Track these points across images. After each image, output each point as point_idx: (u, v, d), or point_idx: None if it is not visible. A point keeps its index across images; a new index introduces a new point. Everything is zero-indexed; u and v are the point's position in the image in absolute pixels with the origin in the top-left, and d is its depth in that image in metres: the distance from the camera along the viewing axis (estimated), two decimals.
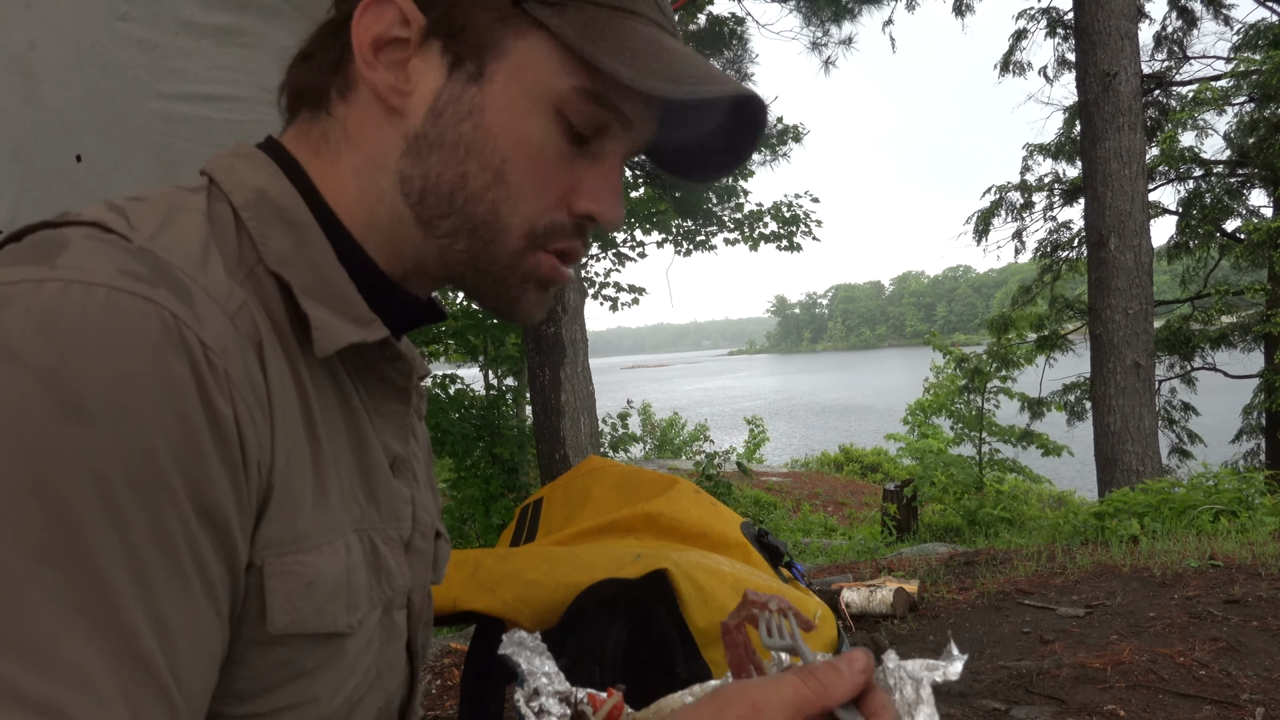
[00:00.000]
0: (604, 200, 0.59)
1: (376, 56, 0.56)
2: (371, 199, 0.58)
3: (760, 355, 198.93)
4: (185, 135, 1.21)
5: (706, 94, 0.54)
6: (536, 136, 0.56)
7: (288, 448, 0.51)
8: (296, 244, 0.55)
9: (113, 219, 0.48)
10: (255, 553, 0.49)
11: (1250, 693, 2.58)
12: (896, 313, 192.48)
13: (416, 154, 0.57)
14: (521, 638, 0.72)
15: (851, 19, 10.82)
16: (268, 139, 0.62)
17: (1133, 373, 7.93)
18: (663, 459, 16.70)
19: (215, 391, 0.44)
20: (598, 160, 0.59)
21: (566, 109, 0.56)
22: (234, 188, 0.55)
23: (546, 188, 0.58)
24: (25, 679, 0.35)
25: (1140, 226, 8.08)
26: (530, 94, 0.56)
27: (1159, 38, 13.00)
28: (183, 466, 0.42)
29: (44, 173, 1.12)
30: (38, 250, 0.44)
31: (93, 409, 0.39)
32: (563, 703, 0.67)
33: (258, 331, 0.50)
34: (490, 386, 8.22)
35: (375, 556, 0.59)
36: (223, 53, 1.17)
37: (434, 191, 0.57)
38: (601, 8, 0.55)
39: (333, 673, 0.55)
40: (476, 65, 0.55)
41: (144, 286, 0.44)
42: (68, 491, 0.38)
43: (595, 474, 2.17)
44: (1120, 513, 5.69)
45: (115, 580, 0.39)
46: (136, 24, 1.11)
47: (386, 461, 0.62)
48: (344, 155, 0.59)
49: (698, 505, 1.98)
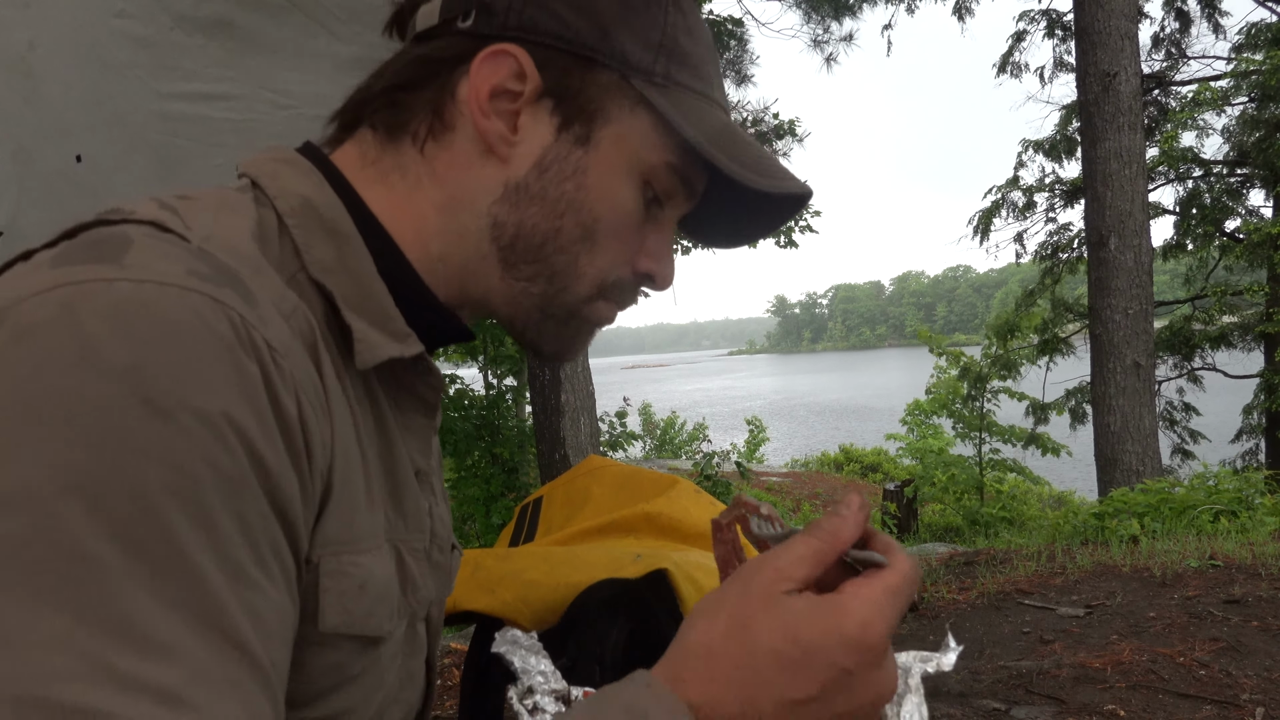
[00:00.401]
0: (662, 263, 0.65)
1: (489, 104, 0.58)
2: (453, 235, 0.61)
3: (760, 355, 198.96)
4: (185, 135, 1.20)
5: (785, 189, 0.60)
6: (626, 202, 0.61)
7: (343, 449, 0.52)
8: (339, 255, 0.56)
9: (167, 217, 0.48)
10: (313, 550, 0.50)
11: (1250, 693, 2.58)
12: (896, 313, 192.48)
13: (515, 202, 0.60)
14: (515, 636, 0.72)
15: (853, 15, 10.82)
16: (307, 145, 0.63)
17: (1133, 373, 7.94)
18: (662, 459, 16.70)
19: (283, 390, 0.45)
20: (659, 225, 0.65)
21: (652, 179, 0.61)
22: (279, 193, 0.56)
23: (623, 247, 0.63)
24: (141, 668, 0.35)
25: (1140, 226, 8.08)
26: (628, 162, 0.60)
27: (1157, 38, 13.02)
28: (258, 462, 0.43)
29: (44, 173, 1.12)
30: (102, 249, 0.44)
31: (174, 407, 0.40)
32: (559, 701, 0.67)
33: (312, 333, 0.51)
34: (490, 386, 8.22)
35: (403, 568, 0.59)
36: (219, 48, 1.17)
37: (526, 240, 0.60)
38: (691, 92, 0.61)
39: (371, 681, 0.56)
40: (585, 130, 0.59)
41: (210, 286, 0.44)
42: (158, 488, 0.39)
43: (595, 474, 2.17)
44: (1120, 513, 5.69)
45: (209, 573, 0.39)
46: (133, 20, 1.11)
47: (413, 474, 0.63)
48: (425, 189, 0.61)
49: (698, 505, 1.97)
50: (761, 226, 0.70)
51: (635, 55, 0.59)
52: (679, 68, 0.60)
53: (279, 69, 1.22)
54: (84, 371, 0.39)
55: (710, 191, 0.66)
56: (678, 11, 0.61)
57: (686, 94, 0.61)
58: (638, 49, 0.59)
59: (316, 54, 1.23)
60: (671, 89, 0.60)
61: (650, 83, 0.59)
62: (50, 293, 0.41)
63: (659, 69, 0.60)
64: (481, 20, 0.58)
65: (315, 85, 1.26)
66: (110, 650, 0.35)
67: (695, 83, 0.61)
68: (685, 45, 0.61)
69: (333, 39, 1.23)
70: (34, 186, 1.10)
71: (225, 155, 1.25)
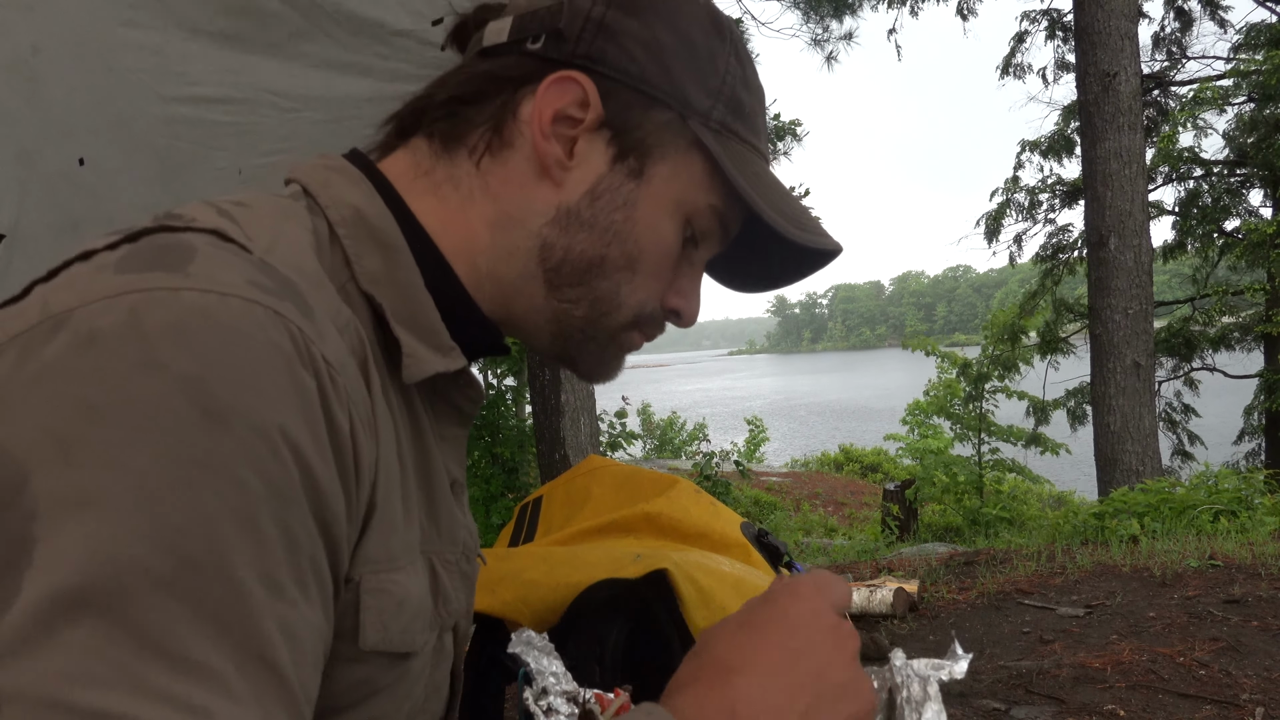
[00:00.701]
0: (690, 301, 0.67)
1: (551, 128, 0.60)
2: (502, 252, 0.62)
3: (760, 355, 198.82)
4: (188, 138, 1.21)
5: (820, 245, 0.63)
6: (669, 238, 0.63)
7: (386, 466, 0.52)
8: (388, 266, 0.57)
9: (228, 226, 0.49)
10: (354, 568, 0.50)
11: (1250, 693, 2.59)
12: (896, 313, 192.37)
13: (565, 226, 0.61)
14: (530, 637, 0.73)
15: (852, 14, 10.82)
16: (354, 152, 0.63)
17: (1133, 373, 7.94)
18: (662, 459, 16.69)
19: (337, 406, 0.46)
20: (692, 264, 0.67)
21: (694, 219, 0.64)
22: (330, 203, 0.57)
23: (659, 281, 0.65)
24: (167, 680, 0.36)
25: (1140, 226, 8.08)
26: (675, 200, 0.62)
27: (1157, 38, 13.01)
28: (310, 478, 0.43)
29: (47, 176, 1.12)
30: (165, 256, 0.45)
31: (232, 418, 0.40)
32: (570, 702, 0.68)
33: (364, 349, 0.52)
34: (490, 386, 8.21)
35: (435, 580, 0.60)
36: (226, 56, 1.18)
37: (573, 264, 0.62)
38: (742, 142, 0.63)
39: (399, 693, 0.57)
40: (639, 164, 0.61)
41: (273, 299, 0.44)
42: (209, 497, 0.39)
43: (595, 473, 2.17)
44: (1120, 513, 5.69)
45: (250, 586, 0.39)
46: (141, 29, 1.11)
47: (448, 485, 0.64)
48: (477, 204, 0.62)
49: (698, 505, 1.98)
50: (789, 276, 0.73)
51: (695, 99, 0.61)
52: (734, 117, 0.63)
53: (281, 74, 1.23)
54: (146, 379, 0.39)
55: (743, 238, 0.68)
56: (738, 64, 0.64)
57: (737, 142, 0.63)
58: (698, 93, 0.61)
59: (318, 61, 1.23)
60: (724, 135, 0.62)
61: (706, 127, 0.61)
62: (117, 299, 0.42)
63: (715, 115, 0.62)
64: (551, 45, 0.60)
65: (316, 90, 1.27)
66: (140, 662, 0.36)
67: (746, 133, 0.64)
68: (741, 96, 0.63)
69: (335, 46, 1.24)
70: (37, 189, 1.11)
71: (227, 159, 1.25)
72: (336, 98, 1.30)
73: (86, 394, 0.39)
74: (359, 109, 1.32)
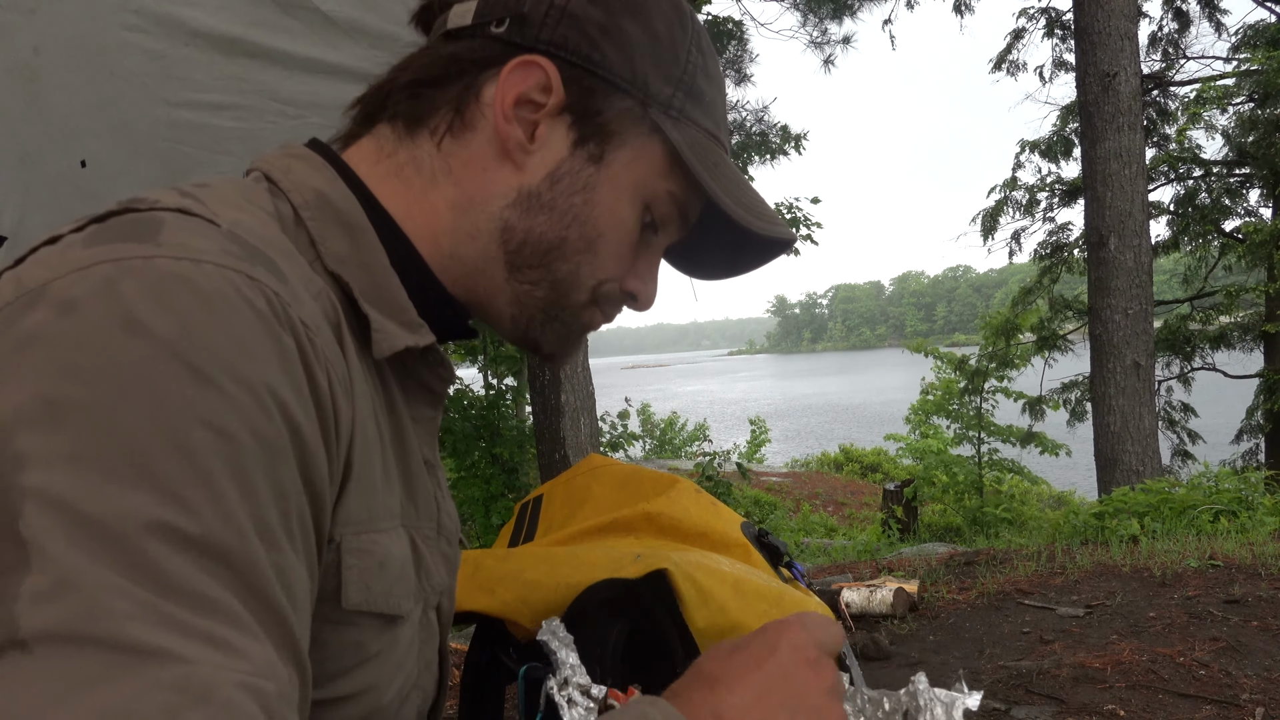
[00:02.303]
0: (647, 284, 0.68)
1: (513, 110, 0.60)
2: (464, 234, 0.63)
3: (760, 355, 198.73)
4: (191, 143, 1.21)
5: (773, 233, 0.64)
6: (628, 222, 0.64)
7: (363, 429, 0.53)
8: (353, 247, 0.57)
9: (192, 205, 0.49)
10: (334, 529, 0.51)
11: (1250, 693, 2.59)
12: (896, 313, 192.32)
13: (525, 209, 0.62)
14: (556, 627, 0.74)
15: (851, 15, 10.82)
16: (313, 141, 0.64)
17: (1132, 373, 7.94)
18: (663, 459, 16.69)
19: (316, 366, 0.47)
20: (648, 249, 0.68)
21: (653, 204, 0.65)
22: (293, 187, 0.57)
23: (618, 263, 0.66)
24: (191, 618, 0.37)
25: (1140, 226, 8.08)
26: (634, 185, 0.63)
27: (1155, 38, 13.01)
28: (296, 434, 0.44)
29: (49, 177, 1.12)
30: (135, 229, 0.45)
31: (218, 373, 0.41)
32: (584, 694, 0.69)
33: (337, 316, 0.53)
34: (490, 386, 8.21)
35: (417, 552, 0.61)
36: (230, 63, 1.18)
37: (533, 246, 0.62)
38: (701, 130, 0.64)
39: (389, 661, 0.58)
40: (599, 149, 0.62)
41: (245, 265, 0.45)
42: (203, 450, 0.39)
43: (596, 472, 2.17)
44: (1120, 513, 5.69)
45: (247, 533, 0.40)
46: (144, 34, 1.11)
47: (422, 462, 0.64)
48: (439, 186, 0.62)
49: (698, 505, 1.98)
50: (743, 265, 0.74)
51: (656, 87, 0.62)
52: (694, 105, 0.64)
53: (285, 81, 1.23)
54: (130, 340, 0.40)
55: (701, 226, 0.69)
56: (699, 54, 0.65)
57: (697, 131, 0.64)
58: (659, 81, 0.62)
59: (322, 67, 1.24)
60: (684, 124, 0.63)
61: (666, 114, 0.62)
62: (90, 269, 0.42)
63: (676, 103, 0.63)
64: (515, 29, 0.61)
65: (322, 98, 1.27)
66: (160, 599, 0.36)
67: (706, 122, 0.65)
68: (702, 85, 0.64)
69: (338, 53, 1.24)
70: (39, 191, 1.11)
71: (231, 163, 1.26)
72: (341, 104, 1.30)
73: (71, 358, 0.39)
74: None
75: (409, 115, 0.63)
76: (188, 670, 0.35)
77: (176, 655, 0.35)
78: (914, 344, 13.57)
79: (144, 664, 0.34)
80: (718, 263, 0.75)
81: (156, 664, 0.35)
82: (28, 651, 0.34)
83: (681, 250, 0.73)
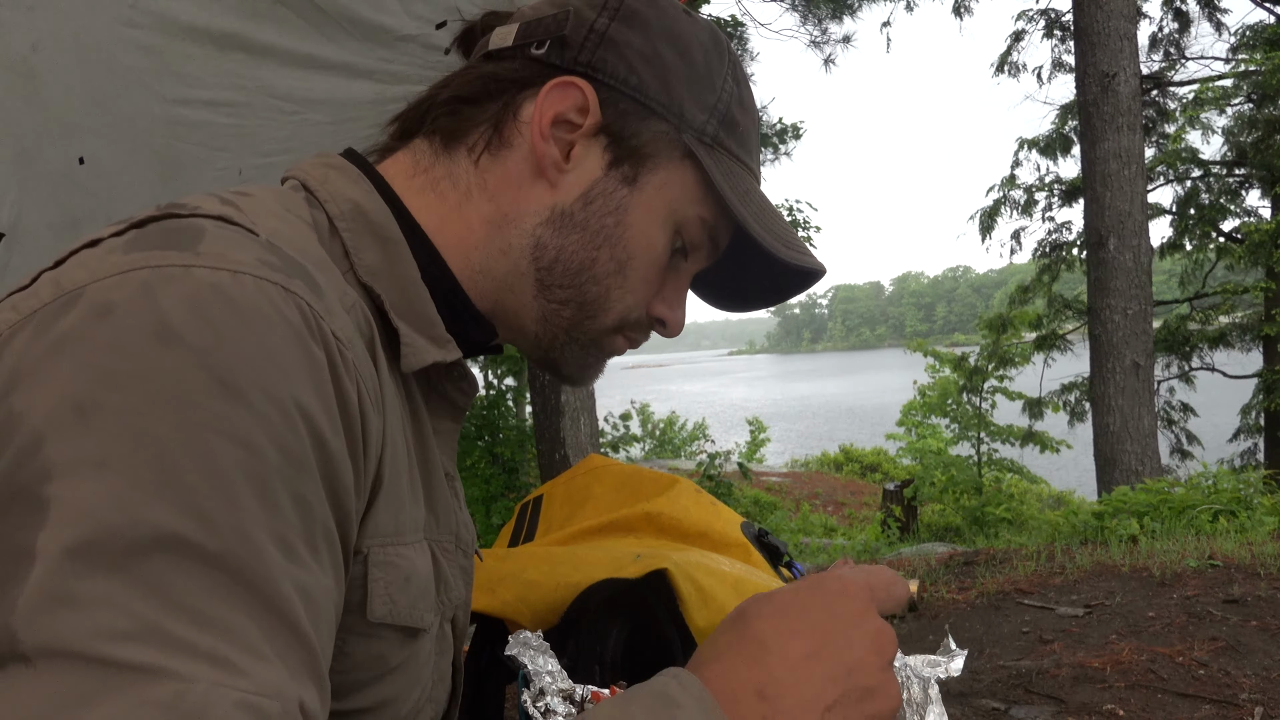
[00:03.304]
0: (675, 310, 0.68)
1: (550, 130, 0.61)
2: (496, 250, 0.63)
3: (760, 355, 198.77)
4: (189, 139, 1.21)
5: (803, 263, 0.64)
6: (658, 246, 0.65)
7: (392, 442, 0.53)
8: (387, 260, 0.58)
9: (233, 213, 0.50)
10: (362, 541, 0.51)
11: (1249, 693, 2.59)
12: (896, 313, 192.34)
13: (559, 227, 0.63)
14: (526, 638, 0.73)
15: (851, 14, 10.81)
16: (350, 152, 0.65)
17: (1132, 373, 7.94)
18: (663, 459, 16.69)
19: (346, 380, 0.47)
20: (677, 274, 0.68)
21: (684, 229, 0.65)
22: (329, 197, 0.58)
23: (647, 287, 0.66)
24: (191, 634, 0.36)
25: (1140, 227, 8.08)
26: (666, 209, 0.64)
27: (1155, 38, 13.01)
28: (322, 449, 0.44)
29: (46, 174, 1.12)
30: (175, 237, 0.45)
31: (247, 388, 0.41)
32: (567, 701, 0.69)
33: (370, 329, 0.53)
34: (490, 386, 8.21)
35: (437, 566, 0.61)
36: (228, 59, 1.18)
37: (564, 265, 0.63)
38: (734, 159, 0.65)
39: (409, 673, 0.58)
40: (633, 171, 0.63)
41: (282, 277, 0.45)
42: (228, 463, 0.39)
43: (596, 472, 2.18)
44: (1120, 512, 5.69)
45: (268, 551, 0.40)
46: (142, 30, 1.11)
47: (444, 476, 0.65)
48: (474, 201, 0.63)
49: (698, 505, 1.98)
50: (773, 296, 0.74)
51: (692, 114, 0.63)
52: (728, 134, 0.65)
53: (283, 77, 1.23)
54: (163, 348, 0.40)
55: (730, 255, 0.69)
56: (735, 84, 0.66)
57: (729, 159, 0.65)
58: (695, 109, 0.63)
59: (321, 64, 1.24)
60: (718, 151, 0.64)
61: (700, 141, 0.63)
62: (129, 274, 0.42)
63: (710, 130, 0.64)
64: (555, 51, 0.62)
65: (319, 94, 1.27)
66: (163, 616, 0.36)
67: (739, 151, 0.66)
68: (736, 115, 0.65)
69: (338, 50, 1.24)
70: (36, 188, 1.11)
71: (228, 160, 1.26)
72: (339, 101, 1.31)
73: (104, 361, 0.40)
74: (361, 112, 1.33)
75: (447, 131, 0.64)
76: (182, 688, 0.35)
77: (172, 673, 0.35)
78: (912, 344, 13.59)
79: (136, 682, 0.34)
80: (746, 293, 0.75)
81: (149, 682, 0.34)
82: (30, 665, 0.34)
83: (711, 279, 0.73)
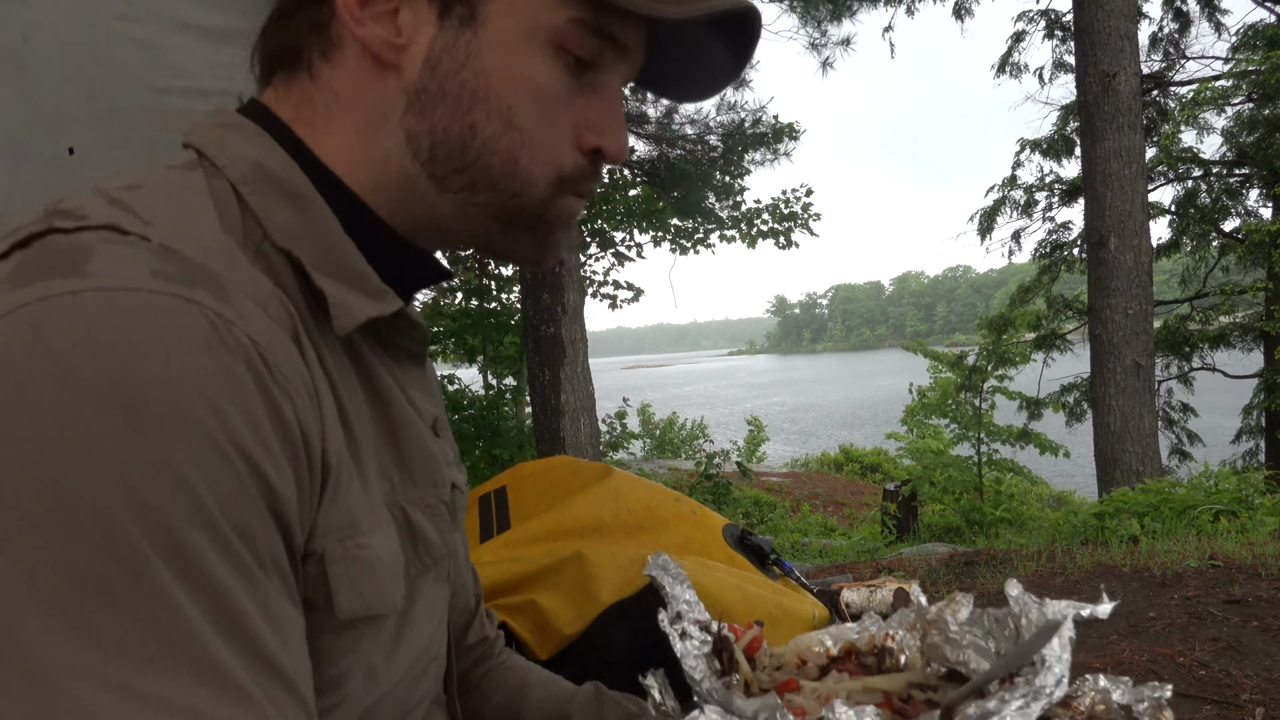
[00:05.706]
0: (610, 134, 0.58)
1: (363, 11, 0.54)
2: (377, 160, 0.56)
3: (760, 355, 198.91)
4: (179, 129, 1.19)
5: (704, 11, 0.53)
6: (539, 76, 0.54)
7: (333, 434, 0.50)
8: (301, 218, 0.53)
9: (122, 218, 0.45)
10: (315, 541, 0.48)
11: (1250, 693, 2.58)
12: (896, 313, 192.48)
13: (420, 109, 0.54)
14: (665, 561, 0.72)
15: (850, 16, 10.80)
16: (250, 102, 0.59)
17: (1132, 373, 7.93)
18: (663, 459, 16.69)
19: (273, 387, 0.43)
20: (596, 92, 0.57)
21: (565, 43, 0.54)
22: (228, 162, 0.53)
23: (557, 127, 0.56)
24: (170, 688, 0.35)
25: (1140, 227, 8.08)
26: (527, 32, 0.53)
27: (1155, 38, 13.01)
28: (253, 465, 0.41)
29: (36, 165, 1.11)
30: (59, 260, 0.42)
31: (160, 415, 0.38)
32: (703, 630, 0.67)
33: (290, 318, 0.48)
34: (489, 386, 8.21)
35: (410, 528, 0.58)
36: (220, 52, 1.17)
37: (444, 146, 0.55)
38: None
39: (380, 645, 0.55)
40: (467, 9, 0.53)
41: (181, 287, 0.42)
42: (159, 501, 0.37)
43: (533, 478, 2.14)
44: (1120, 513, 5.68)
45: (226, 582, 0.38)
46: (135, 24, 1.11)
47: (426, 425, 0.61)
48: (337, 117, 0.56)
49: (635, 490, 1.93)
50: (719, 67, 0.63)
51: None
52: None
53: None
54: (59, 391, 0.37)
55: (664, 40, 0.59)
56: None
57: None
58: None
59: None
60: None
61: None
62: (15, 314, 0.39)
63: None
64: None
65: None
66: (132, 672, 0.35)
67: None
68: None
69: None
70: (26, 178, 1.10)
71: None
72: None
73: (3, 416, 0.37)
74: None
75: (285, 53, 0.57)
76: None
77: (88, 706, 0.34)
78: (911, 344, 13.60)
79: None
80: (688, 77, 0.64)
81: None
82: None
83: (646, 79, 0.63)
